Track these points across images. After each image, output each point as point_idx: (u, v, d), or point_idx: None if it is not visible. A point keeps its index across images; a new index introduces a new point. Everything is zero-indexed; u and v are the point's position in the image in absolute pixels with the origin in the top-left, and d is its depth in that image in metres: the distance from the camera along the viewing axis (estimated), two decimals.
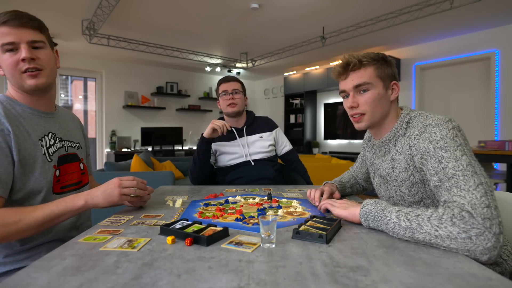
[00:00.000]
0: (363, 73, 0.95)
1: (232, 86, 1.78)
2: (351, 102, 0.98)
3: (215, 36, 4.65)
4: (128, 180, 0.93)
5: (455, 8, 3.25)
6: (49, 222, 0.83)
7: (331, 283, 0.52)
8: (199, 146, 1.66)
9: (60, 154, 1.00)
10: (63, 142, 1.03)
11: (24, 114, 0.92)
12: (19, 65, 0.88)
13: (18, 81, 0.91)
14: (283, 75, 7.28)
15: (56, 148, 0.99)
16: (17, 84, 0.92)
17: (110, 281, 0.53)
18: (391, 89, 0.98)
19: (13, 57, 0.87)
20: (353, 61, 0.95)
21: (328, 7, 3.56)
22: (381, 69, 0.96)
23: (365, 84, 0.95)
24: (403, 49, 5.20)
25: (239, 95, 1.79)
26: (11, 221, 0.77)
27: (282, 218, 0.93)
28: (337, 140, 6.50)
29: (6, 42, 0.86)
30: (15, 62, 0.88)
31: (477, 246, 0.64)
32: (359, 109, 0.97)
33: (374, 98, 0.95)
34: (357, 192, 1.34)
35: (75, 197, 0.87)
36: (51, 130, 0.99)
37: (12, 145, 0.85)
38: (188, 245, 0.70)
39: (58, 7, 3.51)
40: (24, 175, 0.87)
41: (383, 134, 1.02)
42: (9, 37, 0.85)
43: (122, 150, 5.73)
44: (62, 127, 1.05)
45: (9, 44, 0.86)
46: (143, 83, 6.29)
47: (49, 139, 0.97)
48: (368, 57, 0.96)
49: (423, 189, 0.91)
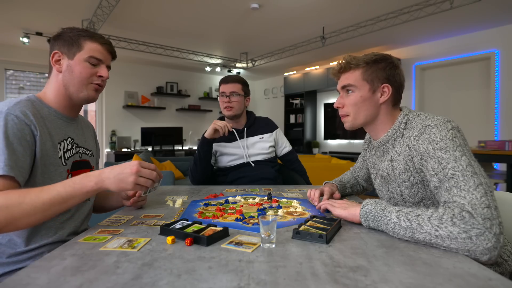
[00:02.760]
0: (350, 75, 0.99)
1: (230, 88, 1.73)
2: (337, 103, 1.03)
3: (215, 36, 4.65)
4: (148, 169, 0.85)
5: (455, 8, 3.25)
6: (56, 205, 0.77)
7: (331, 283, 0.52)
8: (200, 146, 1.65)
9: (75, 160, 1.03)
10: (79, 149, 1.06)
11: (50, 117, 0.96)
12: (92, 77, 1.00)
13: (80, 88, 0.98)
14: (283, 75, 7.28)
15: (72, 153, 1.01)
16: (77, 91, 0.98)
17: (110, 281, 0.53)
18: (380, 92, 0.97)
19: (93, 69, 0.99)
20: (343, 63, 1.00)
21: (328, 7, 3.56)
22: (369, 72, 0.96)
23: (350, 86, 0.99)
24: (403, 49, 5.19)
25: (237, 98, 1.73)
26: (14, 202, 0.72)
27: (282, 218, 0.93)
28: (337, 140, 6.51)
29: (96, 57, 0.99)
30: (92, 74, 0.99)
31: (477, 246, 0.64)
32: (343, 110, 1.02)
33: (357, 100, 0.98)
34: (357, 192, 1.34)
35: (84, 178, 0.80)
36: (71, 135, 1.02)
37: (37, 143, 0.88)
38: (188, 245, 0.70)
39: (58, 7, 3.51)
40: (40, 175, 0.89)
41: (381, 135, 1.02)
42: (99, 55, 1.00)
43: (122, 150, 5.73)
44: (80, 134, 1.09)
45: (97, 59, 0.99)
46: (143, 83, 6.29)
47: (67, 143, 1.00)
48: (359, 60, 0.97)
49: (423, 189, 0.91)
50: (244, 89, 1.78)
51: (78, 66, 0.97)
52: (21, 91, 5.18)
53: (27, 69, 5.15)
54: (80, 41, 0.98)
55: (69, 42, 0.97)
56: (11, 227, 0.74)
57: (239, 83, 1.76)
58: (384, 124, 1.00)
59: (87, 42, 0.98)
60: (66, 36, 0.98)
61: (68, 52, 0.97)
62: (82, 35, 0.98)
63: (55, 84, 0.99)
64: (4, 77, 4.96)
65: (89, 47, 0.98)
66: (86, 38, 0.98)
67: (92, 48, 0.98)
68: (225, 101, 1.72)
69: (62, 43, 0.98)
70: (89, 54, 0.98)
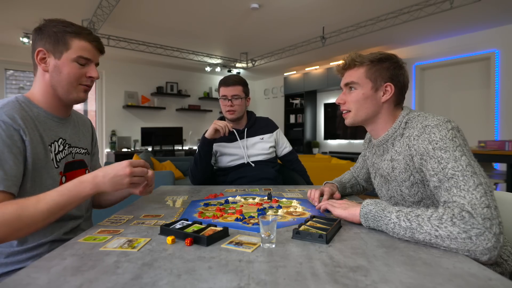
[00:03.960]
0: (354, 72, 1.00)
1: (232, 92, 1.69)
2: (338, 99, 1.05)
3: (215, 36, 4.65)
4: (139, 165, 0.87)
5: (455, 8, 3.25)
6: (55, 213, 0.77)
7: (331, 283, 0.52)
8: (201, 146, 1.65)
9: (67, 161, 1.00)
10: (71, 149, 1.03)
11: (39, 117, 0.92)
12: (81, 78, 0.95)
13: (69, 90, 0.94)
14: (283, 75, 7.28)
15: (64, 155, 0.99)
16: (66, 92, 0.94)
17: (110, 281, 0.53)
18: (383, 91, 0.98)
19: (82, 69, 0.95)
20: (347, 60, 1.01)
21: (328, 7, 3.56)
22: (373, 70, 0.97)
23: (353, 83, 1.00)
24: (403, 49, 5.19)
25: (239, 101, 1.70)
26: (13, 216, 0.72)
27: (282, 218, 0.93)
28: (337, 140, 6.50)
29: (84, 57, 0.94)
30: (81, 74, 0.95)
31: (477, 246, 0.64)
32: (345, 106, 1.03)
33: (359, 97, 0.99)
34: (358, 192, 1.34)
35: (79, 185, 0.80)
36: (62, 136, 0.99)
37: (27, 148, 0.85)
38: (188, 245, 0.70)
39: (58, 7, 3.51)
40: (32, 180, 0.87)
41: (381, 134, 1.02)
42: (88, 54, 0.94)
43: (122, 150, 5.73)
44: (73, 133, 1.05)
45: (86, 59, 0.94)
46: (143, 83, 6.29)
47: (59, 145, 0.97)
48: (364, 58, 0.98)
49: (423, 189, 0.91)
50: (245, 90, 1.76)
51: (66, 67, 0.92)
52: (21, 91, 5.18)
53: (27, 69, 5.14)
54: (66, 39, 0.91)
55: (54, 39, 0.91)
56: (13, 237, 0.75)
57: (240, 85, 1.73)
58: (385, 123, 1.00)
59: (74, 40, 0.92)
60: (50, 31, 0.91)
61: (54, 50, 0.91)
62: (68, 31, 0.91)
63: (42, 83, 0.94)
64: (4, 77, 4.96)
65: (77, 45, 0.92)
66: (74, 35, 0.92)
67: (80, 47, 0.92)
68: (227, 105, 1.70)
69: (47, 39, 0.91)
70: (77, 54, 0.92)
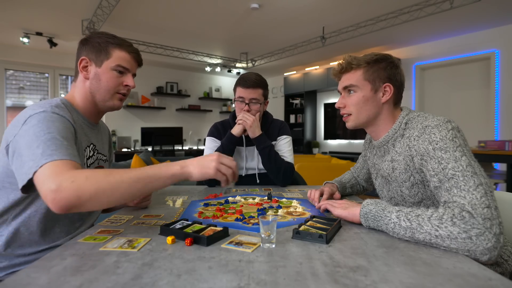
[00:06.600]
0: (351, 75, 1.00)
1: (251, 95, 1.50)
2: (338, 103, 1.04)
3: (215, 36, 4.65)
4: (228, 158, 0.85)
5: (455, 8, 3.25)
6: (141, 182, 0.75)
7: (331, 283, 0.52)
8: (226, 145, 1.50)
9: (95, 167, 1.04)
10: (98, 155, 1.07)
11: (78, 122, 0.96)
12: (119, 86, 1.00)
13: (107, 97, 0.99)
14: (283, 75, 7.28)
15: (93, 160, 1.03)
16: (103, 99, 0.99)
17: (110, 281, 0.53)
18: (382, 92, 0.98)
19: (119, 78, 1.00)
20: (344, 64, 1.01)
21: (328, 7, 3.56)
22: (371, 72, 0.97)
23: (352, 86, 1.00)
24: (403, 49, 5.19)
25: (257, 106, 1.52)
26: (101, 175, 0.71)
27: (282, 218, 0.93)
28: (337, 140, 6.50)
29: (123, 66, 0.99)
30: (118, 83, 1.00)
31: (477, 246, 0.64)
32: (346, 110, 1.03)
33: (359, 100, 0.99)
34: (358, 192, 1.34)
35: (169, 164, 0.80)
36: (93, 141, 1.04)
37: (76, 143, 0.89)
38: (188, 245, 0.70)
39: (58, 7, 3.51)
40: None
41: (381, 135, 1.02)
42: (126, 64, 1.00)
43: (122, 150, 5.73)
44: (99, 139, 1.10)
45: (124, 68, 0.99)
46: (143, 83, 6.28)
47: (90, 150, 1.01)
48: (360, 60, 0.98)
49: (423, 190, 0.91)
50: (265, 94, 1.57)
51: (106, 75, 0.97)
52: (21, 91, 5.18)
53: (27, 69, 5.15)
54: (108, 49, 0.97)
55: (97, 49, 0.97)
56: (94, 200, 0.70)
57: (260, 87, 1.53)
58: (385, 124, 1.00)
59: (115, 50, 0.98)
60: (94, 42, 0.97)
61: (96, 59, 0.97)
62: (111, 42, 0.97)
63: (82, 90, 0.99)
64: (4, 77, 4.96)
65: (117, 55, 0.98)
66: (115, 46, 0.98)
67: (120, 56, 0.98)
68: (244, 109, 1.52)
69: (90, 49, 0.97)
70: (116, 62, 0.97)
